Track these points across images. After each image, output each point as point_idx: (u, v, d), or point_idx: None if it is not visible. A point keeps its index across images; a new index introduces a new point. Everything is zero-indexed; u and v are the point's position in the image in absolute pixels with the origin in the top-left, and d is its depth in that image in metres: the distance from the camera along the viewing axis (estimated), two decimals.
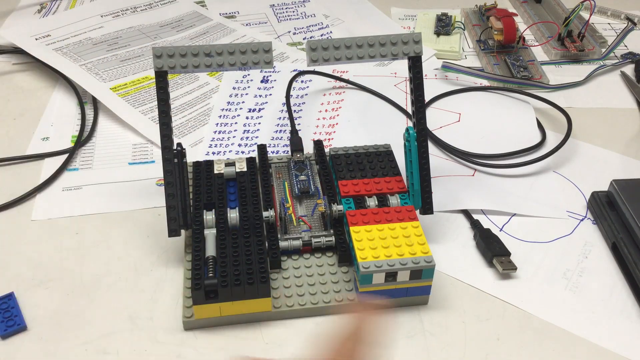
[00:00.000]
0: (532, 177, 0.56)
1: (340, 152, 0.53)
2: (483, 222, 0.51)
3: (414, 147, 0.47)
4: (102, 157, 0.59)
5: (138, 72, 0.69)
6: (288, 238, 0.46)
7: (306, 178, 0.51)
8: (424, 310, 0.44)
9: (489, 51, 0.75)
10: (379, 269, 0.41)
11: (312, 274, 0.45)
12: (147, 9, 0.83)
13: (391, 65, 0.73)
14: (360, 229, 0.44)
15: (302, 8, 0.86)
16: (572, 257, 0.49)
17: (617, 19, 0.84)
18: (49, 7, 0.84)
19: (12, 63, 0.73)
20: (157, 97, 0.45)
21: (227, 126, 0.63)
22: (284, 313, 0.43)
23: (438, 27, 0.79)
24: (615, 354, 0.41)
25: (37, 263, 0.48)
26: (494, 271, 0.47)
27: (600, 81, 0.71)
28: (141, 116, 0.63)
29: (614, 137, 0.62)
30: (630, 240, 0.47)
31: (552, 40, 0.76)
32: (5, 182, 0.55)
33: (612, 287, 0.46)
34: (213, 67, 0.44)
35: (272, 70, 0.71)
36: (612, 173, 0.56)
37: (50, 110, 0.65)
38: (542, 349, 0.42)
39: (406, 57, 0.45)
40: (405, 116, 0.64)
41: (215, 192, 0.49)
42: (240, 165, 0.51)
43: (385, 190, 0.48)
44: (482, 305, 0.44)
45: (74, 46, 0.73)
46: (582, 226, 0.51)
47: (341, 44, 0.44)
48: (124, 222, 0.51)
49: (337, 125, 0.63)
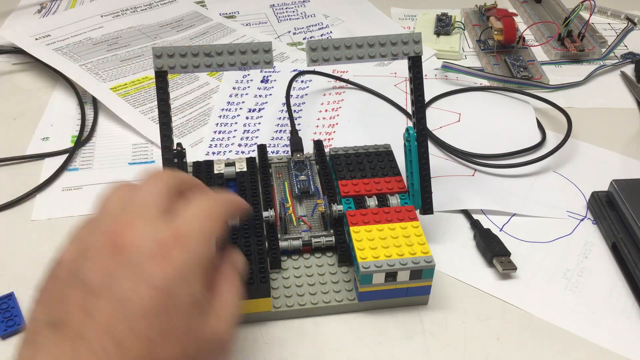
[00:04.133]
0: (532, 177, 0.56)
1: (340, 152, 0.53)
2: (483, 222, 0.51)
3: (414, 147, 0.47)
4: (102, 157, 0.59)
5: (138, 72, 0.69)
6: (288, 238, 0.46)
7: (306, 178, 0.51)
8: (424, 310, 0.44)
9: (489, 51, 0.75)
10: (379, 269, 0.41)
11: (312, 274, 0.45)
12: (147, 9, 0.83)
13: (391, 65, 0.73)
14: (360, 229, 0.44)
15: (302, 8, 0.86)
16: (572, 257, 0.49)
17: (617, 19, 0.84)
18: (49, 7, 0.84)
19: (12, 63, 0.73)
20: (157, 97, 0.45)
21: (227, 126, 0.63)
22: (284, 313, 0.43)
23: (438, 27, 0.79)
24: (615, 354, 0.41)
25: (37, 263, 0.47)
26: (494, 271, 0.47)
27: (600, 81, 0.71)
28: (141, 116, 0.63)
29: (614, 137, 0.62)
30: (630, 240, 0.47)
31: (552, 40, 0.76)
32: (5, 182, 0.55)
33: (612, 287, 0.46)
34: (213, 67, 0.44)
35: (272, 70, 0.71)
36: (612, 173, 0.56)
37: (50, 110, 0.65)
38: (542, 349, 0.42)
39: (406, 57, 0.45)
40: (405, 116, 0.64)
41: None
42: (240, 165, 0.51)
43: (385, 190, 0.48)
44: (482, 305, 0.44)
45: (74, 46, 0.73)
46: (582, 226, 0.51)
47: (341, 44, 0.44)
48: None
49: (337, 125, 0.63)
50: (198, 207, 0.32)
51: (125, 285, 0.28)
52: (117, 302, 0.28)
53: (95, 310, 0.27)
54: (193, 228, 0.31)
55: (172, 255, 0.29)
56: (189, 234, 0.31)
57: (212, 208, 0.33)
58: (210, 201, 0.34)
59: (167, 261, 0.29)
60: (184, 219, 0.31)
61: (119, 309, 0.27)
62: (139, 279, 0.28)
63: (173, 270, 0.29)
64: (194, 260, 0.30)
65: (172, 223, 0.31)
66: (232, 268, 0.35)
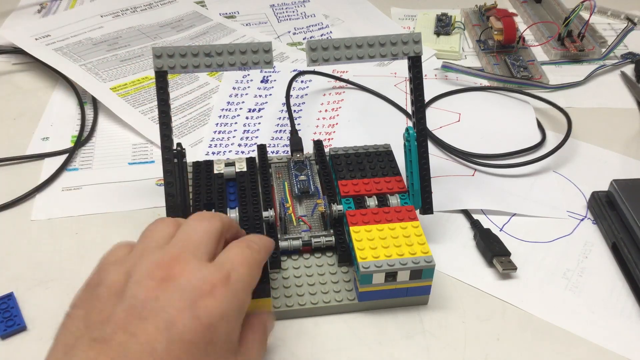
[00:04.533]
0: (532, 177, 0.56)
1: (340, 152, 0.53)
2: (483, 222, 0.51)
3: (414, 147, 0.47)
4: (102, 157, 0.59)
5: (138, 72, 0.69)
6: (288, 238, 0.46)
7: (306, 178, 0.51)
8: (424, 310, 0.44)
9: (489, 51, 0.75)
10: (379, 269, 0.41)
11: (312, 274, 0.45)
12: (147, 9, 0.83)
13: (391, 65, 0.73)
14: (360, 229, 0.44)
15: (302, 8, 0.86)
16: (572, 257, 0.49)
17: (617, 19, 0.84)
18: (49, 7, 0.84)
19: (12, 63, 0.73)
20: (157, 97, 0.45)
21: (227, 126, 0.63)
22: (284, 313, 0.43)
23: (438, 27, 0.79)
24: (615, 354, 0.41)
25: (37, 263, 0.48)
26: (494, 271, 0.47)
27: (600, 81, 0.71)
28: (141, 116, 0.63)
29: (614, 137, 0.62)
30: (630, 240, 0.47)
31: (552, 40, 0.76)
32: (5, 182, 0.55)
33: (612, 287, 0.46)
34: (213, 67, 0.44)
35: (272, 70, 0.71)
36: (612, 173, 0.56)
37: (50, 110, 0.65)
38: (542, 349, 0.41)
39: (406, 57, 0.45)
40: (405, 116, 0.64)
41: (215, 192, 0.49)
42: (240, 165, 0.51)
43: (385, 190, 0.48)
44: (482, 305, 0.44)
45: (74, 46, 0.73)
46: (582, 226, 0.51)
47: (341, 44, 0.44)
48: (124, 222, 0.51)
49: (337, 125, 0.63)
50: (243, 256, 0.34)
51: (171, 311, 0.29)
52: (161, 325, 0.29)
53: (139, 331, 0.28)
54: (240, 274, 0.33)
55: (219, 294, 0.31)
56: (236, 279, 0.32)
57: (254, 256, 0.35)
58: (253, 250, 0.35)
59: (213, 298, 0.30)
60: (231, 263, 0.33)
61: (162, 332, 0.28)
62: (186, 308, 0.29)
63: (218, 308, 0.30)
64: (236, 303, 0.32)
65: (220, 266, 0.32)
66: (261, 322, 0.37)
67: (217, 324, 0.30)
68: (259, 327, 0.36)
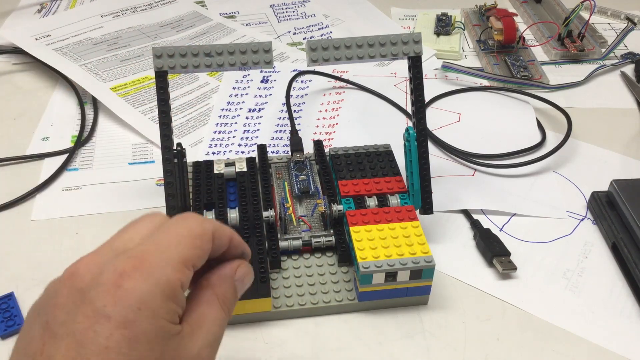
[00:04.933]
0: (532, 177, 0.56)
1: (340, 152, 0.53)
2: (483, 222, 0.51)
3: (413, 147, 0.47)
4: (102, 157, 0.59)
5: (138, 72, 0.69)
6: (288, 238, 0.46)
7: (306, 178, 0.51)
8: (424, 310, 0.44)
9: (489, 51, 0.75)
10: (379, 269, 0.41)
11: (312, 274, 0.45)
12: (147, 9, 0.83)
13: (391, 65, 0.73)
14: (360, 229, 0.44)
15: (302, 8, 0.86)
16: (572, 257, 0.49)
17: (617, 19, 0.84)
18: (49, 7, 0.84)
19: (12, 63, 0.73)
20: (157, 97, 0.45)
21: (227, 126, 0.63)
22: (284, 313, 0.43)
23: (438, 27, 0.79)
24: (615, 354, 0.41)
25: (37, 263, 0.48)
26: (494, 271, 0.47)
27: (600, 81, 0.71)
28: (141, 116, 0.63)
29: (614, 137, 0.62)
30: (630, 240, 0.47)
31: (552, 40, 0.76)
32: (5, 182, 0.55)
33: (612, 287, 0.46)
34: (213, 67, 0.44)
35: (272, 70, 0.71)
36: (612, 173, 0.56)
37: (50, 110, 0.65)
38: (542, 349, 0.42)
39: (406, 57, 0.45)
40: (405, 116, 0.64)
41: (215, 192, 0.49)
42: (240, 165, 0.51)
43: (385, 190, 0.48)
44: (482, 305, 0.44)
45: (74, 46, 0.73)
46: (582, 226, 0.51)
47: (341, 44, 0.44)
48: (124, 222, 0.50)
49: (337, 125, 0.63)
50: (169, 232, 0.31)
51: (83, 325, 0.26)
52: (76, 342, 0.26)
53: (56, 354, 0.26)
54: (155, 252, 0.29)
55: (129, 285, 0.27)
56: (150, 260, 0.28)
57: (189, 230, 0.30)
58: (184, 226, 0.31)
59: (123, 292, 0.27)
60: (153, 242, 0.30)
61: (78, 350, 0.26)
62: (95, 315, 0.26)
63: (130, 301, 0.27)
64: (155, 287, 0.28)
65: (136, 248, 0.29)
66: (212, 293, 0.32)
67: (136, 319, 0.26)
68: (212, 299, 0.31)
